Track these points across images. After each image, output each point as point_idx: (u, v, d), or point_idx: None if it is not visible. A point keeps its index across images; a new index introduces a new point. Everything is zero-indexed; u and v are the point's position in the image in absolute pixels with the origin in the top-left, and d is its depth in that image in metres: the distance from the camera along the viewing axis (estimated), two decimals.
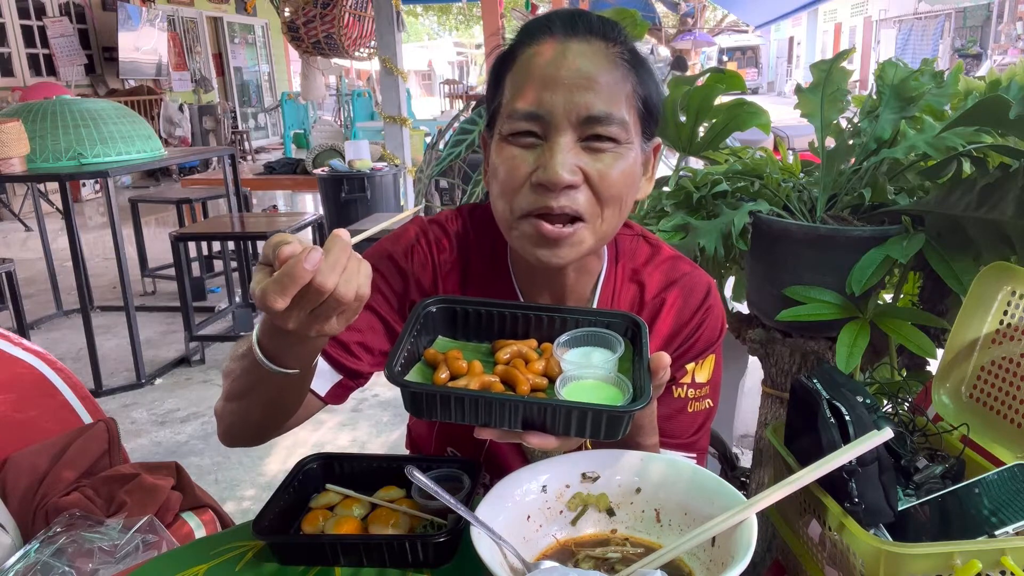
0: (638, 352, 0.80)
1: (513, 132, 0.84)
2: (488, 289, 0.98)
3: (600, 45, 0.84)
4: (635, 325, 0.83)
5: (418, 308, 0.83)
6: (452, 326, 0.86)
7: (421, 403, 0.73)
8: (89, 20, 10.27)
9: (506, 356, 0.80)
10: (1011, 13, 15.93)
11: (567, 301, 0.98)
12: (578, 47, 0.83)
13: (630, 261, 1.00)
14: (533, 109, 0.82)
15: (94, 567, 1.18)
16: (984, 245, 1.25)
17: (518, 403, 0.71)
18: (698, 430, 1.03)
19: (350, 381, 0.97)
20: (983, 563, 0.76)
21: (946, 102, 1.43)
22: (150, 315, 4.49)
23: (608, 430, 0.71)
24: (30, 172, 3.36)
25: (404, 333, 0.79)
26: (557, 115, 0.81)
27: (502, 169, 0.85)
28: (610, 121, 0.82)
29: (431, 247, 0.98)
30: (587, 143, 0.83)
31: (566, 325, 0.84)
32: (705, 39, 18.36)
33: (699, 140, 1.78)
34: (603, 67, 0.82)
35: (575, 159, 0.82)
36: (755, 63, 30.13)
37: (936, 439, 1.01)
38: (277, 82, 15.09)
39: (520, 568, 0.75)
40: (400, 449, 1.46)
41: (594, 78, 0.81)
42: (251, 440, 0.93)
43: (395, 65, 5.00)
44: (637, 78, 0.85)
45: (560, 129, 0.82)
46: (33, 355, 1.51)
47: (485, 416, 0.72)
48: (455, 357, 0.78)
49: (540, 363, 0.79)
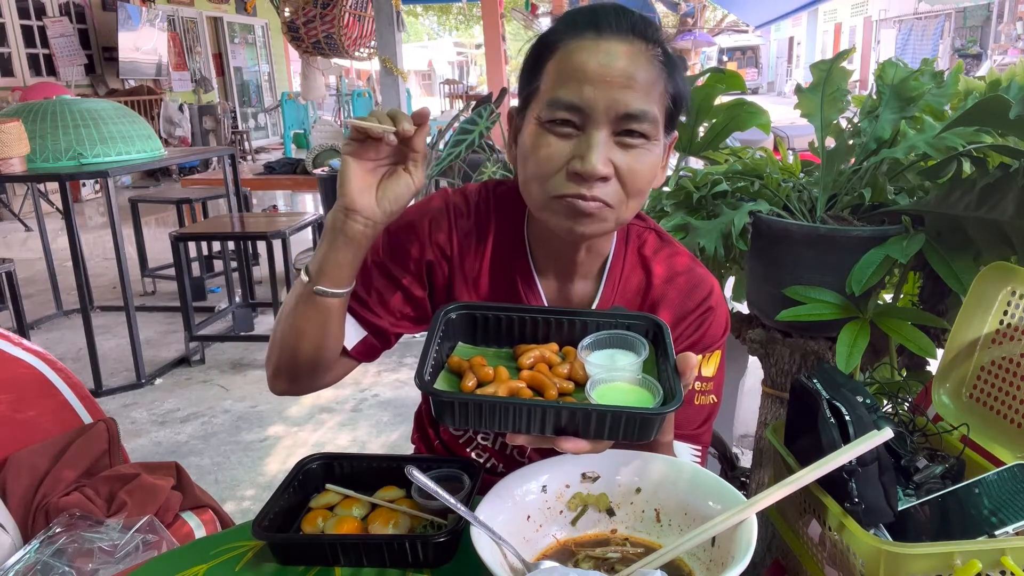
0: (662, 353, 0.81)
1: (552, 119, 0.87)
2: (504, 261, 1.02)
3: (641, 45, 0.87)
4: (656, 327, 0.85)
5: (439, 315, 0.85)
6: (472, 331, 0.88)
7: (453, 412, 0.73)
8: (89, 20, 10.27)
9: (529, 361, 0.81)
10: (1011, 13, 15.93)
11: (576, 277, 1.02)
12: (621, 46, 0.86)
13: (640, 249, 1.04)
14: (575, 101, 0.85)
15: (94, 567, 1.18)
16: (984, 245, 1.25)
17: (551, 408, 0.72)
18: (703, 423, 1.04)
19: (374, 339, 1.03)
20: (983, 563, 0.76)
21: (946, 102, 1.43)
22: (150, 315, 4.49)
23: (641, 432, 0.72)
24: (30, 172, 3.36)
25: (429, 341, 0.80)
26: (598, 110, 0.85)
27: (539, 154, 0.88)
28: (644, 119, 0.86)
29: (451, 213, 1.03)
30: (620, 138, 0.87)
31: (586, 328, 0.85)
32: (705, 39, 18.35)
33: (699, 140, 1.78)
34: (642, 67, 0.86)
35: (609, 153, 0.86)
36: (755, 63, 30.12)
37: (936, 439, 1.01)
38: (277, 82, 15.09)
39: (520, 568, 0.75)
40: (400, 449, 1.46)
41: (634, 77, 0.85)
42: (294, 380, 0.99)
43: (395, 65, 5.00)
44: (670, 78, 0.89)
45: (599, 123, 0.85)
46: (33, 355, 1.51)
47: (517, 423, 0.72)
48: (480, 364, 0.79)
49: (564, 367, 0.80)
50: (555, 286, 1.02)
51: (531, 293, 1.01)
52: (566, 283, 1.02)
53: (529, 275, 1.02)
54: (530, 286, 1.01)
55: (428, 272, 1.02)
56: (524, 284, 1.01)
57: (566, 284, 1.02)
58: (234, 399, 3.34)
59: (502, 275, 1.02)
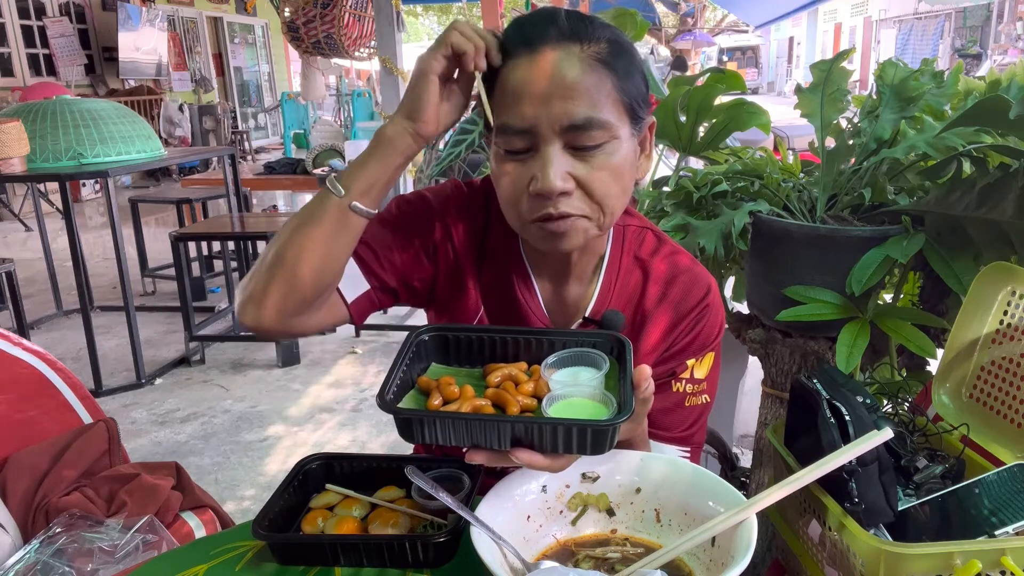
0: (622, 368, 0.82)
1: (507, 149, 0.87)
2: (502, 261, 1.02)
3: (574, 49, 0.84)
4: (619, 344, 0.85)
5: (410, 337, 0.86)
6: (445, 353, 0.89)
7: (412, 428, 0.74)
8: (89, 20, 10.27)
9: (497, 379, 0.82)
10: (1011, 13, 15.92)
11: (571, 279, 1.01)
12: (552, 55, 0.84)
13: (636, 249, 1.03)
14: (519, 125, 0.85)
15: (94, 567, 1.18)
16: (984, 245, 1.25)
17: (505, 423, 0.73)
18: (693, 424, 1.04)
19: (375, 294, 0.99)
20: (983, 563, 0.76)
21: (946, 102, 1.43)
22: (150, 315, 4.49)
23: (594, 445, 0.72)
24: (30, 172, 3.36)
25: (396, 362, 0.81)
26: (542, 127, 0.84)
27: (502, 183, 0.89)
28: (591, 126, 0.84)
29: (463, 204, 1.03)
30: (574, 148, 0.85)
31: (554, 347, 0.86)
32: (705, 39, 18.38)
33: (699, 140, 1.78)
34: (578, 72, 0.83)
35: (565, 166, 0.85)
36: (755, 63, 30.12)
37: (936, 439, 1.01)
38: (277, 82, 15.09)
39: (520, 568, 0.75)
40: (400, 449, 1.46)
41: (570, 85, 0.83)
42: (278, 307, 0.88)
43: (395, 65, 5.00)
44: (615, 73, 0.85)
45: (547, 139, 0.84)
46: (33, 355, 1.51)
47: (474, 437, 0.73)
48: (447, 383, 0.80)
49: (530, 384, 0.81)
50: (551, 288, 1.02)
51: (528, 294, 1.01)
52: (561, 284, 1.02)
53: (526, 277, 1.01)
54: (527, 287, 1.01)
55: (434, 251, 1.01)
56: (521, 285, 1.01)
57: (561, 285, 1.02)
58: (234, 399, 3.34)
59: (500, 275, 1.02)
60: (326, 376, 3.57)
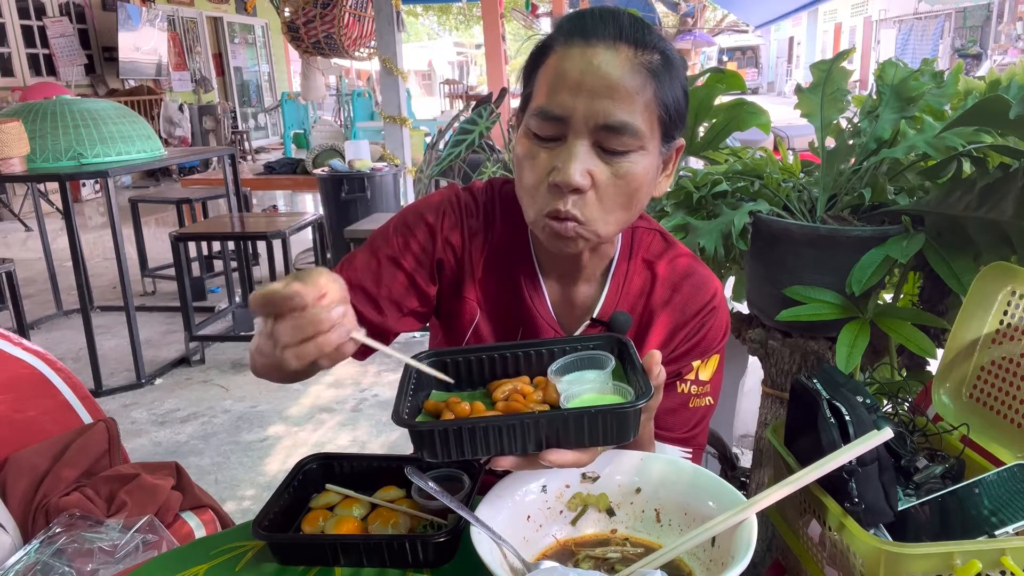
0: (628, 362, 0.81)
1: (539, 130, 0.87)
2: (510, 262, 1.02)
3: (628, 52, 0.85)
4: (620, 344, 0.85)
5: (409, 367, 0.82)
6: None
7: (434, 443, 0.72)
8: (89, 20, 10.27)
9: (503, 394, 0.81)
10: (1011, 13, 15.92)
11: (579, 280, 1.01)
12: (605, 54, 0.84)
13: (644, 251, 1.04)
14: (555, 111, 0.85)
15: (94, 567, 1.18)
16: (984, 245, 1.25)
17: (529, 421, 0.72)
18: (696, 425, 1.04)
19: (388, 337, 1.00)
20: (983, 563, 0.76)
21: (946, 102, 1.43)
22: (150, 315, 4.49)
23: (619, 431, 0.72)
24: (30, 172, 3.36)
25: (403, 388, 0.79)
26: (576, 120, 0.84)
27: (525, 166, 0.89)
28: (624, 131, 0.84)
29: (462, 211, 1.02)
30: (601, 148, 0.85)
31: (554, 356, 0.85)
32: (705, 39, 18.37)
33: (699, 140, 1.78)
34: (626, 75, 0.84)
35: (588, 163, 0.85)
36: (755, 63, 30.12)
37: (936, 439, 1.01)
38: (277, 82, 15.09)
39: (520, 568, 0.75)
40: (400, 449, 1.46)
41: (615, 87, 0.83)
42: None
43: (395, 65, 5.00)
44: (660, 85, 0.86)
45: (578, 133, 0.84)
46: (33, 355, 1.51)
47: (498, 444, 0.72)
48: (456, 402, 0.79)
49: (538, 393, 0.80)
50: (559, 288, 1.02)
51: (536, 295, 1.01)
52: (570, 285, 1.02)
53: (534, 277, 1.02)
54: (535, 288, 1.01)
55: (438, 268, 1.01)
56: (529, 286, 1.01)
57: (570, 286, 1.02)
58: (234, 399, 3.34)
59: (507, 276, 1.02)
60: (326, 376, 3.57)
